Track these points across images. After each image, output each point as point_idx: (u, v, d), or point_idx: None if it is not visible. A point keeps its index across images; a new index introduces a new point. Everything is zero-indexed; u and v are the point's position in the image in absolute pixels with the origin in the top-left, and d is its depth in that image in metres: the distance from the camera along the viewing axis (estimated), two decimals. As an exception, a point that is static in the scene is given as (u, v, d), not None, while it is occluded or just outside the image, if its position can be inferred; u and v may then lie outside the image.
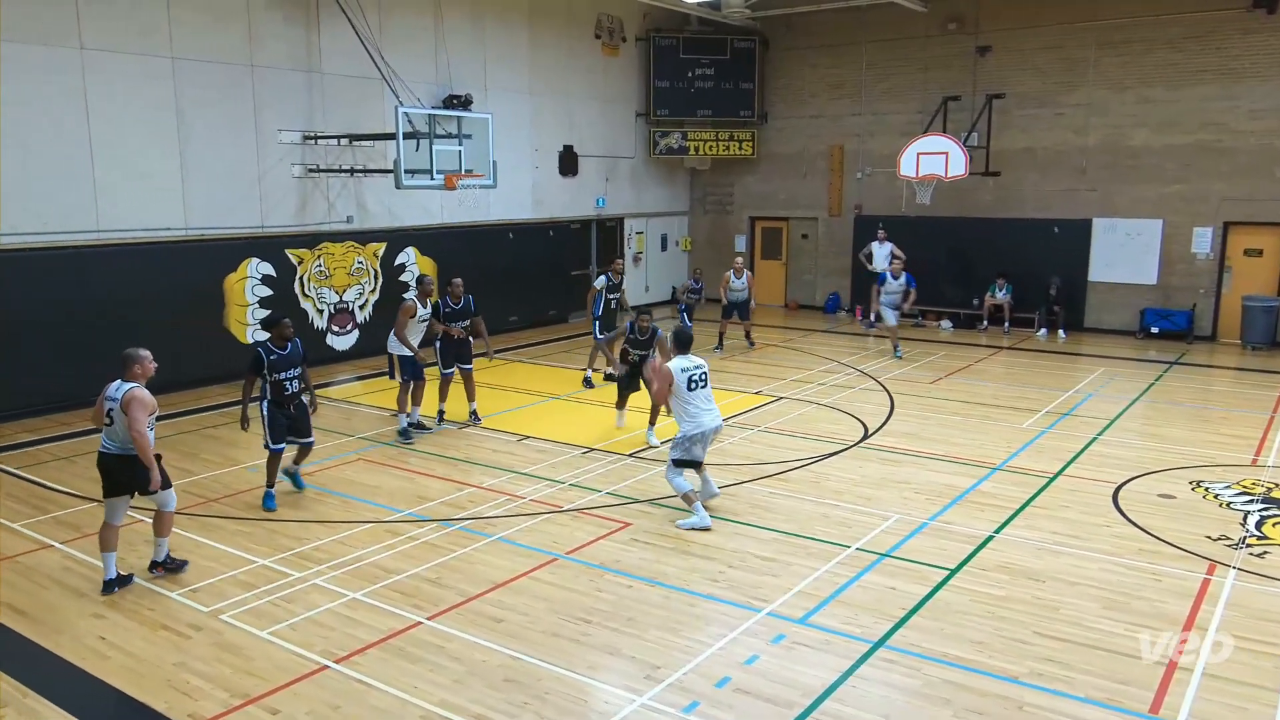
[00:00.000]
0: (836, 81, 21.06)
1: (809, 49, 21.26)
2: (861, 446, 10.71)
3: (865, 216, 20.74)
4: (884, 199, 20.54)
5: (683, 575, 7.21)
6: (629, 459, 10.19)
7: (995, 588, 6.98)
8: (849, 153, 21.16)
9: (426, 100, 15.78)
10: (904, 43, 20.04)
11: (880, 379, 14.24)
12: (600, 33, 20.24)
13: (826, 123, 21.32)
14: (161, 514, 7.12)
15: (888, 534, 8.03)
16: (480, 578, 7.16)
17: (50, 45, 11.71)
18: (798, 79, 21.57)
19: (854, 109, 20.92)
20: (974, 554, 7.60)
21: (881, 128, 20.56)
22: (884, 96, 20.49)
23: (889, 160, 19.51)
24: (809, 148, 21.64)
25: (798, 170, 21.87)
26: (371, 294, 15.99)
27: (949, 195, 19.12)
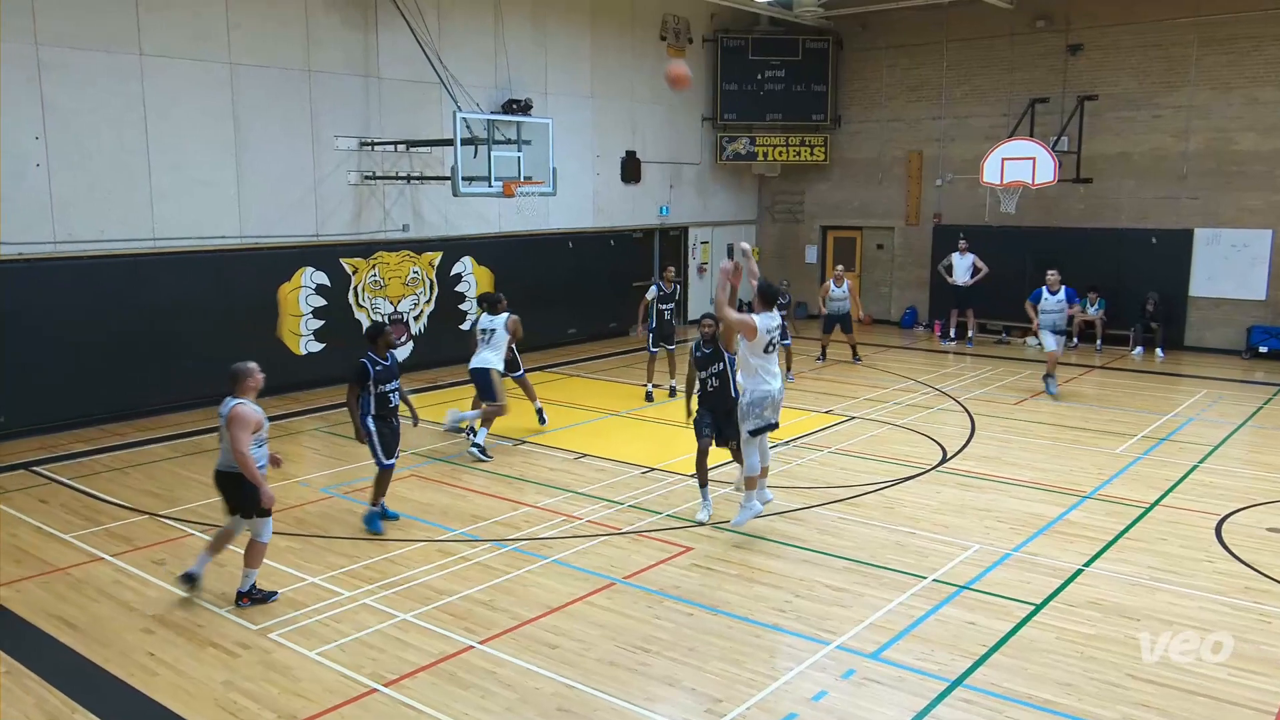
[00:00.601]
0: (915, 83, 20.86)
1: (886, 49, 21.10)
2: (939, 470, 10.54)
3: (945, 226, 20.47)
4: (965, 208, 20.24)
5: (747, 604, 7.16)
6: (691, 480, 10.15)
7: (1085, 625, 6.80)
8: (928, 158, 20.92)
9: (485, 105, 16.02)
10: (988, 42, 19.78)
11: (960, 399, 14.00)
12: (665, 34, 20.35)
13: (904, 127, 21.12)
14: (254, 543, 7.14)
15: (967, 565, 7.88)
16: (534, 601, 7.20)
17: (111, 51, 12.17)
18: (874, 81, 21.42)
19: (934, 112, 20.69)
20: (1062, 588, 7.41)
21: (963, 132, 20.29)
22: (966, 99, 20.23)
23: (971, 166, 19.25)
24: (885, 153, 21.44)
25: (873, 177, 21.68)
26: (427, 305, 16.24)
27: (1036, 204, 18.78)
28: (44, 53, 11.59)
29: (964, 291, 18.65)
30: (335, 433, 12.28)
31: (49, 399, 11.84)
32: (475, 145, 14.10)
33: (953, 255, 18.90)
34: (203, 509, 9.28)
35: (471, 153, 14.09)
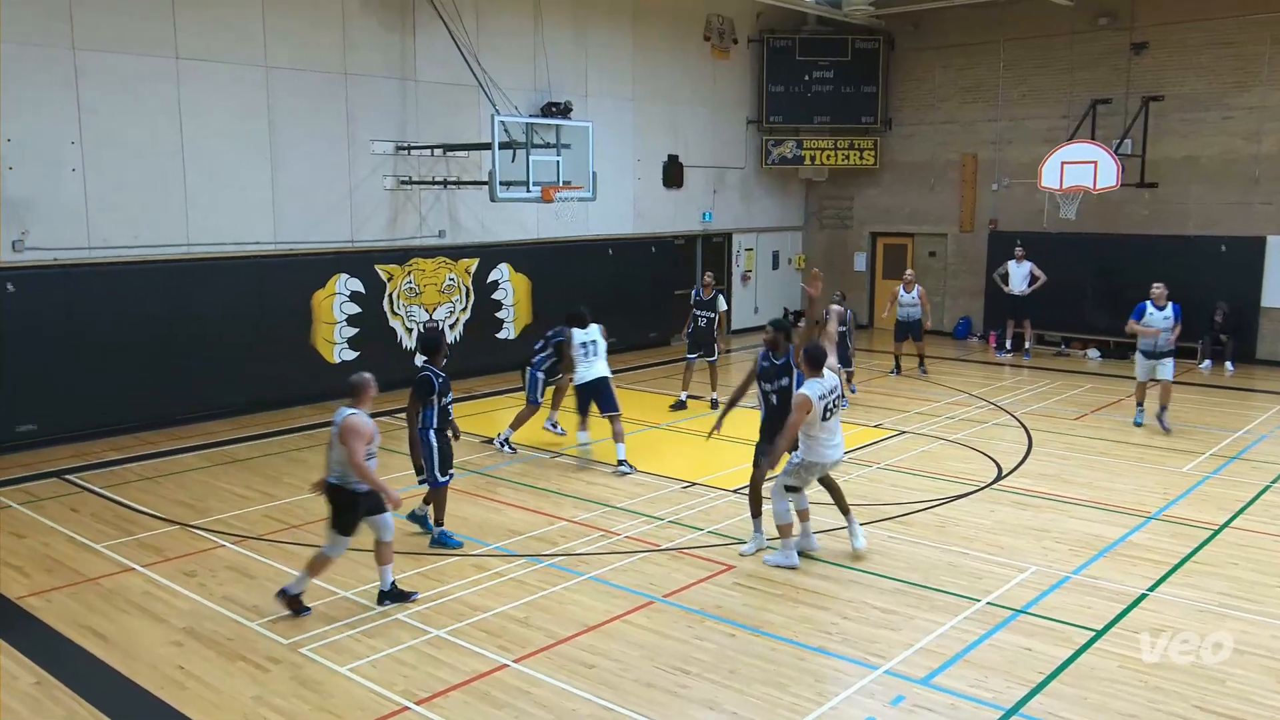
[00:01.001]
0: (970, 84, 20.70)
1: (939, 49, 20.97)
2: (995, 488, 10.42)
3: (1001, 233, 20.26)
4: (1023, 213, 20.02)
5: (791, 625, 7.12)
6: (733, 495, 10.12)
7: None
8: (983, 162, 20.73)
9: (524, 108, 16.14)
10: (1047, 40, 19.58)
11: (1016, 413, 13.83)
12: (710, 34, 20.38)
13: (958, 129, 20.96)
14: (381, 542, 7.38)
15: (1024, 588, 7.77)
16: (571, 619, 7.21)
17: (147, 55, 12.43)
18: (926, 82, 21.28)
19: (989, 114, 20.52)
20: (1124, 614, 7.28)
21: (1021, 134, 20.09)
22: (1024, 100, 20.03)
23: (1029, 170, 19.04)
24: (938, 157, 21.29)
25: (925, 181, 21.52)
26: (463, 312, 16.36)
27: (1097, 209, 18.53)
28: (81, 57, 11.86)
29: (1021, 301, 18.43)
30: (368, 443, 12.37)
31: (81, 406, 12.07)
32: (513, 149, 14.20)
33: (1009, 263, 18.70)
34: (233, 520, 9.41)
35: (509, 157, 14.19)
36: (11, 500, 9.98)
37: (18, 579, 7.97)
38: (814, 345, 8.13)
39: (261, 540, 8.86)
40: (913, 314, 16.27)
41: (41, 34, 11.56)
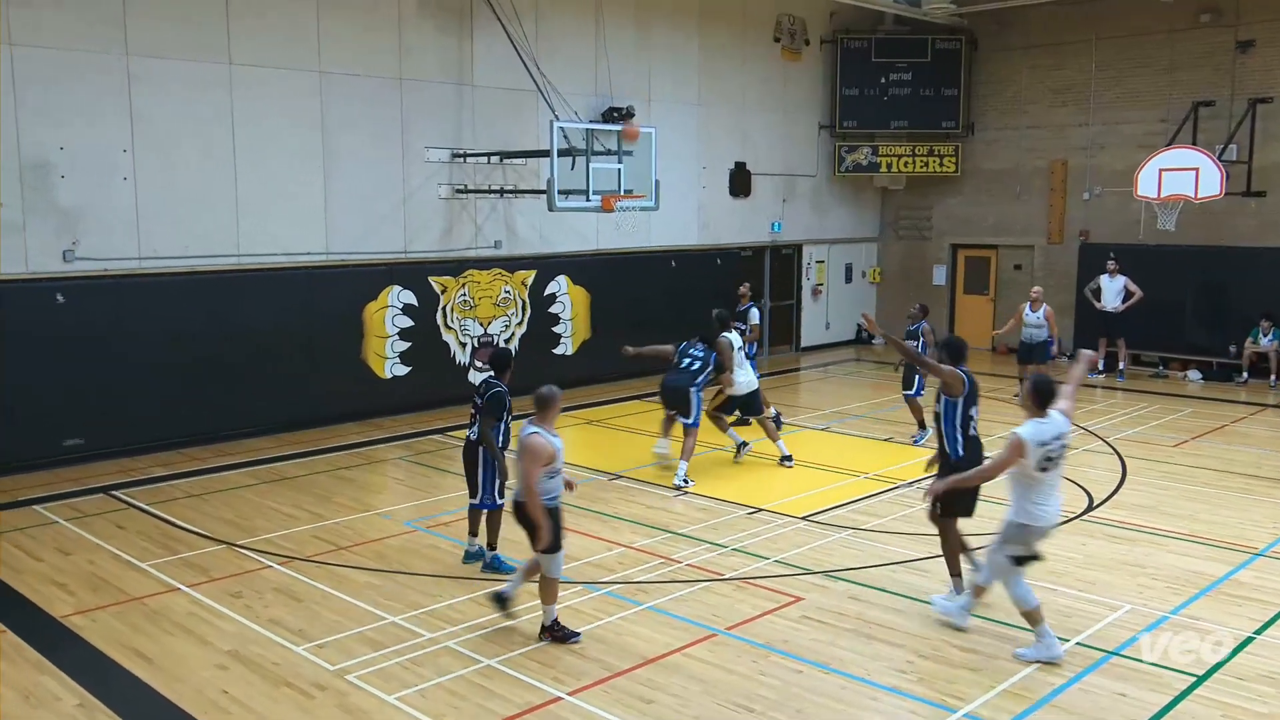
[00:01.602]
0: (1059, 86, 20.41)
1: (1026, 49, 20.72)
2: (1085, 519, 10.21)
3: (1093, 245, 19.91)
4: (1116, 224, 19.66)
5: (863, 663, 7.03)
6: (802, 522, 10.05)
7: (1257, 702, 6.47)
8: (1074, 169, 20.40)
9: (584, 113, 16.27)
10: (1144, 39, 19.24)
11: (1109, 439, 13.54)
12: (780, 35, 20.38)
13: (1046, 134, 20.66)
14: (545, 579, 7.29)
15: (1117, 627, 7.60)
16: (628, 651, 7.19)
17: (201, 60, 12.78)
18: (1012, 84, 21.03)
19: (1080, 118, 20.20)
20: (1229, 658, 7.07)
21: (1115, 140, 19.74)
22: (1118, 103, 19.69)
23: (1123, 178, 18.70)
24: (1024, 163, 21.01)
25: (1010, 190, 21.25)
26: (518, 326, 16.50)
27: (1199, 220, 18.11)
28: (134, 64, 12.24)
29: (1114, 318, 18.08)
30: (420, 462, 12.54)
31: (128, 421, 12.40)
32: (573, 156, 14.31)
33: (1101, 277, 18.37)
34: (280, 540, 9.58)
35: (569, 164, 14.30)
36: (59, 516, 10.27)
37: (63, 597, 8.19)
38: (1041, 379, 7.15)
39: (309, 562, 9.00)
40: (1037, 335, 15.93)
41: (95, 40, 11.95)
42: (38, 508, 10.55)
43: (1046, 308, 16.02)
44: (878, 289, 23.29)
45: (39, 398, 11.71)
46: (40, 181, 11.71)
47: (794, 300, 21.67)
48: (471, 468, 8.71)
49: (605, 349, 17.39)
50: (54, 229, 11.86)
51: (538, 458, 6.98)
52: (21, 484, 11.29)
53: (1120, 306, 17.98)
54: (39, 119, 11.64)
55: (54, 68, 11.68)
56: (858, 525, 10.02)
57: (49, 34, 11.61)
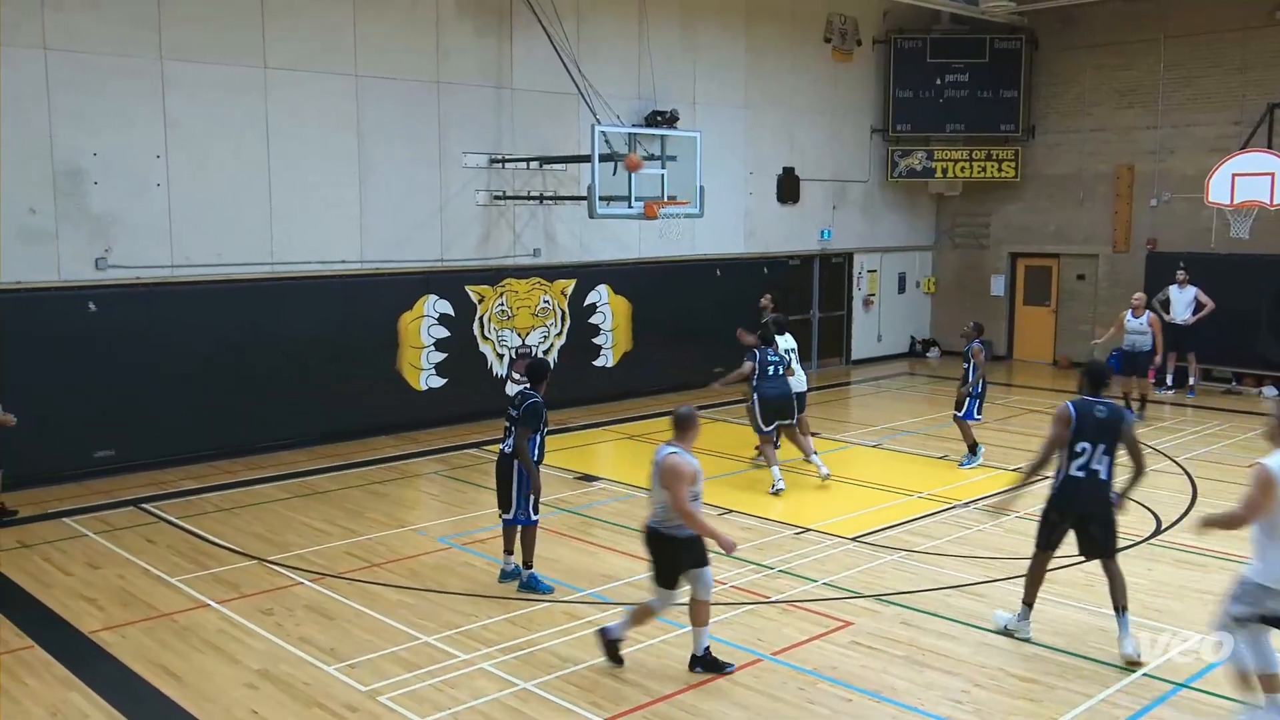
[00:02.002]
0: (1126, 87, 20.18)
1: (1090, 48, 20.51)
2: (1152, 543, 10.06)
3: (1160, 253, 19.64)
4: (1186, 231, 19.38)
5: (916, 692, 6.96)
6: (851, 543, 9.98)
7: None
8: (1140, 175, 20.15)
9: (626, 117, 16.33)
10: (1215, 37, 18.99)
11: (1178, 458, 13.33)
12: (831, 35, 20.35)
13: (1111, 138, 20.43)
14: (700, 602, 7.19)
15: (1186, 658, 7.47)
16: (669, 675, 7.18)
17: (235, 64, 13.00)
18: (1075, 85, 20.83)
19: (1148, 120, 19.95)
20: (1307, 692, 6.91)
21: (1185, 143, 19.48)
22: (1188, 104, 19.43)
23: (1194, 184, 18.44)
24: (1088, 168, 20.78)
25: (1073, 196, 21.02)
26: (557, 337, 16.57)
27: (1275, 228, 17.80)
28: (168, 68, 12.47)
29: (1184, 331, 17.81)
30: (455, 477, 12.62)
31: (159, 432, 12.59)
32: (615, 162, 14.38)
33: (1170, 288, 18.11)
34: (312, 555, 9.68)
35: (610, 170, 14.36)
36: (89, 529, 10.45)
37: (92, 612, 8.33)
38: None
39: (341, 579, 9.08)
40: (1141, 343, 15.66)
41: (129, 44, 12.20)
42: (68, 520, 10.74)
43: (1150, 314, 15.77)
44: (932, 300, 23.12)
45: (70, 408, 11.93)
46: (73, 188, 11.96)
47: (844, 311, 21.57)
48: (505, 482, 8.72)
49: (647, 361, 17.47)
50: (86, 236, 12.09)
51: (683, 477, 6.86)
52: (51, 496, 11.50)
53: (1190, 319, 17.71)
54: (72, 124, 11.89)
55: (88, 72, 11.93)
56: (910, 547, 9.93)
57: (83, 38, 11.86)
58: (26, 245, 11.69)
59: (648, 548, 7.21)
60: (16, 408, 10.96)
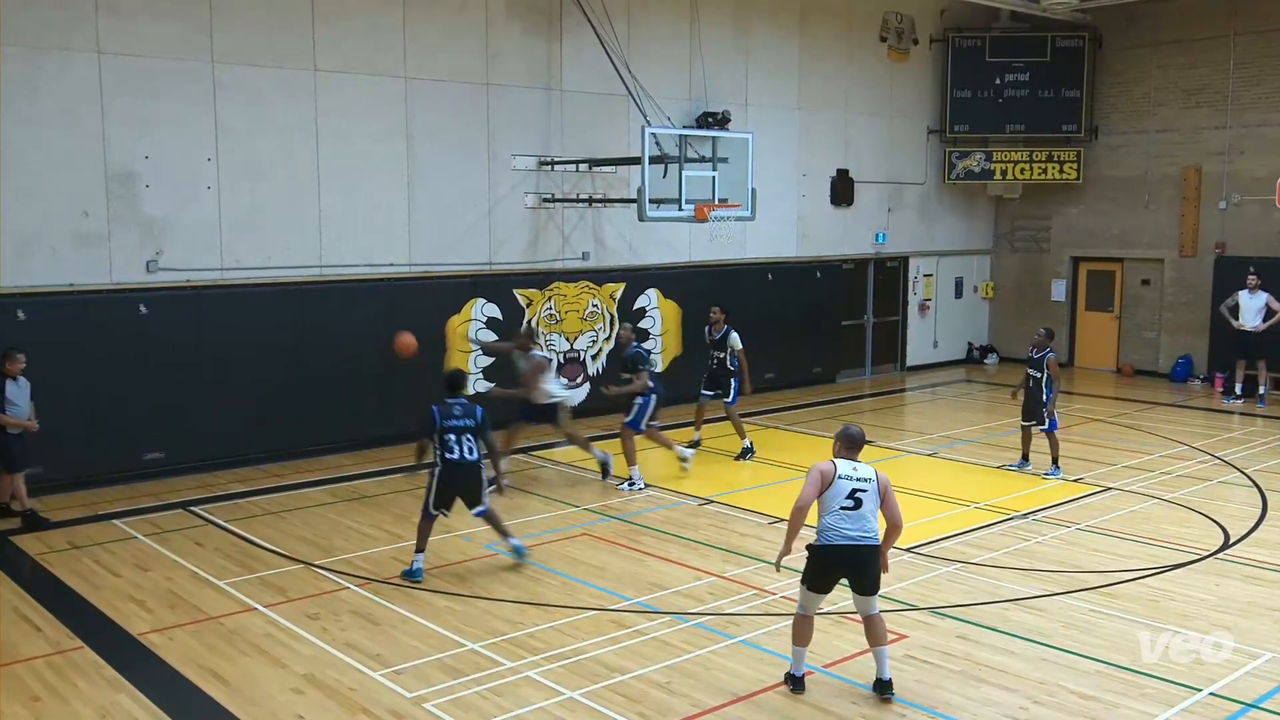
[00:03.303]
0: (1193, 86, 19.85)
1: (1156, 45, 20.21)
2: (1219, 558, 9.86)
3: (1230, 258, 19.28)
4: (1257, 235, 19.03)
5: (973, 708, 6.89)
6: (906, 554, 9.89)
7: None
8: (1209, 176, 19.81)
9: (677, 119, 16.34)
10: (1288, 34, 18.64)
11: (1248, 470, 13.07)
12: (886, 34, 20.22)
13: (1178, 138, 20.11)
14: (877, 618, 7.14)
15: (1256, 678, 7.32)
16: (718, 687, 7.16)
17: (286, 67, 13.19)
18: (1140, 84, 20.52)
19: (1217, 120, 19.61)
20: (1384, 716, 6.75)
21: (1255, 144, 19.12)
22: (1259, 103, 19.08)
23: (1265, 185, 18.11)
24: (1154, 170, 20.46)
25: (1138, 198, 20.71)
26: (606, 342, 16.60)
27: (1351, 231, 17.45)
28: (220, 71, 12.68)
29: (1253, 338, 17.49)
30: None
31: (208, 435, 12.78)
32: (665, 164, 14.38)
33: (1240, 294, 17.79)
34: (359, 560, 9.77)
35: (660, 172, 14.36)
36: (138, 531, 10.63)
37: (141, 614, 8.47)
38: None
39: (388, 584, 9.16)
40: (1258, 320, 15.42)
41: (182, 47, 12.42)
42: (117, 522, 10.94)
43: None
44: (990, 305, 22.87)
45: (121, 410, 12.15)
46: (125, 191, 12.19)
47: (899, 316, 21.39)
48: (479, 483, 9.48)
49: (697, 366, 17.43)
50: (138, 239, 12.32)
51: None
52: (102, 497, 11.72)
53: (1261, 325, 17.37)
54: (125, 128, 12.12)
55: (141, 76, 12.16)
56: (967, 559, 9.83)
57: (137, 42, 12.09)
58: (79, 248, 11.94)
59: (871, 564, 7.07)
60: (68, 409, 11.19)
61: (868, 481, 7.04)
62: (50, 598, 8.83)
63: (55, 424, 11.12)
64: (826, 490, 7.04)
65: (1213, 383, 19.21)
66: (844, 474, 7.05)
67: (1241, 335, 17.66)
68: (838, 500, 7.02)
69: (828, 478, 7.05)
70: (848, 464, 7.12)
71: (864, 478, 7.06)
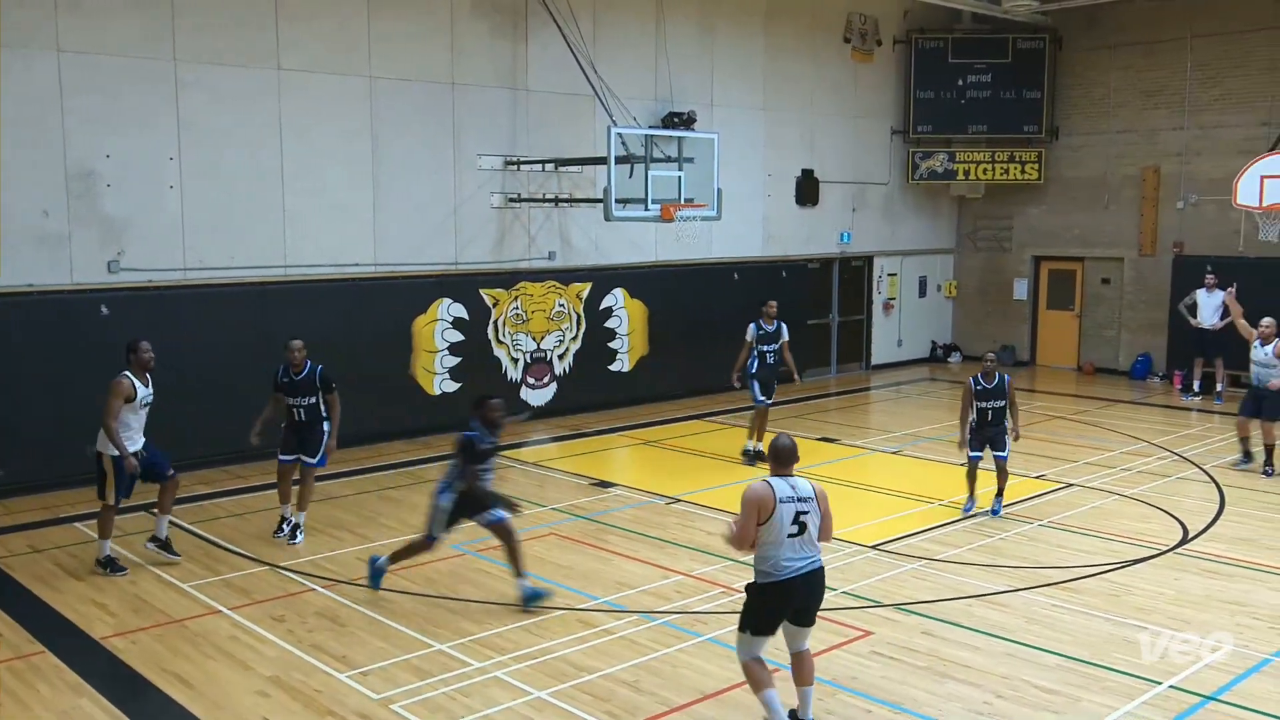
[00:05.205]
0: (1152, 87, 20.09)
1: (1116, 47, 20.43)
2: (1178, 552, 10.00)
3: (1188, 257, 19.54)
4: (1214, 235, 19.29)
5: (937, 703, 6.94)
6: (871, 551, 9.95)
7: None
8: (1167, 176, 20.06)
9: (643, 119, 16.35)
10: (1244, 37, 18.89)
11: (1205, 466, 13.24)
12: (850, 35, 20.32)
13: (1137, 139, 20.35)
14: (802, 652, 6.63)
15: (1214, 670, 7.42)
16: (686, 685, 7.17)
17: (249, 67, 13.07)
18: (1100, 85, 20.75)
19: (1175, 121, 19.86)
20: (1338, 706, 6.86)
21: (1212, 145, 19.38)
22: (1216, 105, 19.34)
23: (1222, 186, 18.34)
24: (1113, 171, 20.70)
25: (1098, 199, 20.94)
26: (573, 341, 16.58)
27: (1305, 230, 17.70)
28: (183, 70, 12.55)
29: (1211, 336, 17.72)
30: (469, 483, 12.61)
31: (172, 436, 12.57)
32: (631, 164, 14.38)
33: (1197, 292, 18.02)
34: (324, 562, 9.71)
35: (626, 172, 14.36)
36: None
37: (103, 618, 8.38)
38: None
39: (354, 585, 9.10)
40: (1267, 377, 12.85)
41: (144, 46, 12.28)
42: (79, 525, 10.81)
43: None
44: (954, 304, 23.05)
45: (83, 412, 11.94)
46: (86, 190, 12.04)
47: (864, 315, 21.52)
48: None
49: (664, 365, 17.48)
50: (99, 239, 12.18)
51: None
52: (64, 500, 11.57)
53: (1218, 323, 17.59)
54: (86, 127, 11.97)
55: (102, 75, 12.01)
56: (931, 555, 9.90)
57: (97, 41, 11.94)
58: (39, 248, 11.78)
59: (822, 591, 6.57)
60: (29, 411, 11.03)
61: (808, 501, 6.31)
62: (10, 602, 8.71)
63: (16, 426, 10.96)
64: (767, 521, 6.20)
65: (1171, 380, 19.45)
66: (784, 497, 6.25)
67: (1199, 333, 17.89)
68: (783, 530, 6.21)
69: (767, 506, 6.20)
70: (785, 483, 6.32)
71: (804, 497, 6.30)
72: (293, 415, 10.49)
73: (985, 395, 11.14)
